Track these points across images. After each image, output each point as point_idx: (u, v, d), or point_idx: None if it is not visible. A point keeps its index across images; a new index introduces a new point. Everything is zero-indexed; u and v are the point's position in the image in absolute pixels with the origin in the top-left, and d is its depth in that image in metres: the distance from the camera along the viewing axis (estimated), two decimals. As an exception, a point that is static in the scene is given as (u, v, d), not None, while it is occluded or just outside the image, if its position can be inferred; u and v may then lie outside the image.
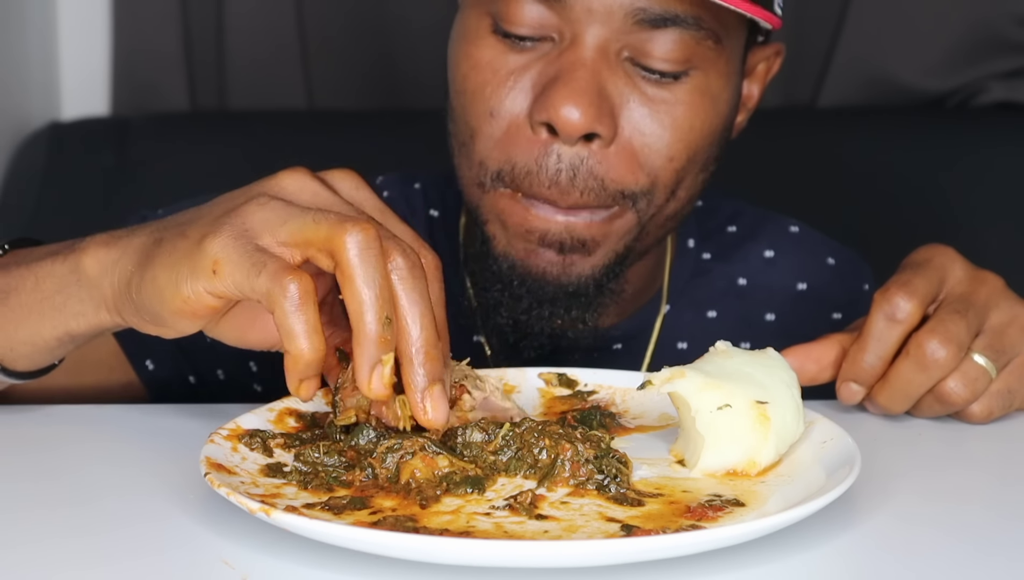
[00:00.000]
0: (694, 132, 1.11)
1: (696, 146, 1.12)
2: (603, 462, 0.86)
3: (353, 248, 0.82)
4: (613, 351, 1.27)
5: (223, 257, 0.84)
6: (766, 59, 1.23)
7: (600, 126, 1.07)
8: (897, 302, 1.01)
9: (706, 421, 0.88)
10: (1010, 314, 1.03)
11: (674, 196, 1.14)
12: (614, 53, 1.08)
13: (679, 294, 1.31)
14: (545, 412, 1.01)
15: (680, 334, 1.30)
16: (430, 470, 0.85)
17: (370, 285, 0.82)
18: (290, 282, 0.82)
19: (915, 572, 0.78)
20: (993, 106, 2.02)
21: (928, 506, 0.88)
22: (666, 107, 1.09)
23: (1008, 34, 2.00)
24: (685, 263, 1.32)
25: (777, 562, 0.79)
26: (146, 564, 0.78)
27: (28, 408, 1.07)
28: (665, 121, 1.10)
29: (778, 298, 1.33)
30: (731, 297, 1.32)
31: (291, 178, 0.90)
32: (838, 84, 2.03)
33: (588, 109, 1.05)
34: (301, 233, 0.84)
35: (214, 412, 1.02)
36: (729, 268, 1.33)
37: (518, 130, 1.09)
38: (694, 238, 1.33)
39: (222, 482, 0.81)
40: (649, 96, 1.09)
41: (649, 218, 1.14)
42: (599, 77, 1.07)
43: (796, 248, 1.36)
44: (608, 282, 1.15)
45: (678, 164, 1.11)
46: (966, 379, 1.01)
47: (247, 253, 0.84)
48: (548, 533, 0.79)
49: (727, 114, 1.15)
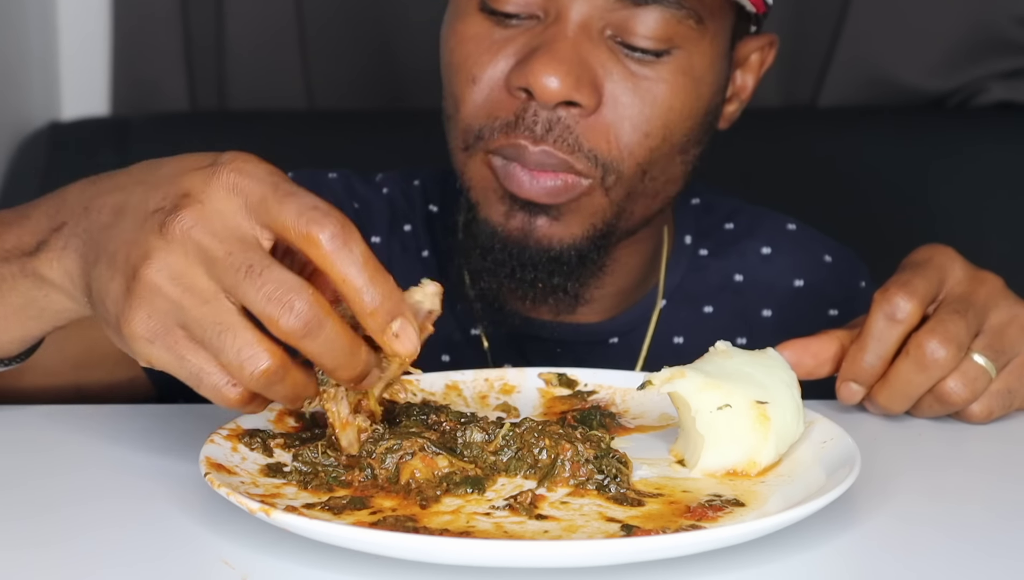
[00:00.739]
0: (673, 111, 1.13)
1: (674, 125, 1.13)
2: (603, 462, 0.86)
3: (290, 329, 0.77)
4: (609, 345, 1.28)
5: (152, 353, 0.80)
6: (759, 49, 1.24)
7: (579, 95, 1.09)
8: (897, 302, 1.01)
9: (706, 421, 0.88)
10: (1010, 314, 1.03)
11: (648, 175, 1.15)
12: (597, 31, 1.10)
13: (675, 289, 1.32)
14: (545, 412, 1.01)
15: (676, 329, 1.31)
16: (430, 470, 0.85)
17: (353, 266, 0.78)
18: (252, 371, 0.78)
19: (915, 572, 0.78)
20: (993, 106, 2.02)
21: (928, 506, 0.88)
22: (647, 83, 1.12)
23: (1008, 34, 2.00)
24: (681, 259, 1.33)
25: (777, 562, 0.79)
26: (146, 564, 0.78)
27: (28, 408, 1.07)
28: (646, 97, 1.12)
29: (775, 294, 1.34)
30: (727, 293, 1.33)
31: (224, 178, 0.80)
32: (838, 84, 2.03)
33: (567, 77, 1.08)
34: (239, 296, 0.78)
35: (214, 412, 1.02)
36: (726, 264, 1.34)
37: (500, 93, 1.12)
38: (691, 234, 1.34)
39: (222, 482, 0.81)
40: (631, 71, 1.11)
41: (624, 196, 1.15)
42: (581, 49, 1.10)
43: (793, 245, 1.37)
44: (592, 254, 1.17)
45: (653, 141, 1.13)
46: (966, 379, 1.01)
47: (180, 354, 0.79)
48: (548, 533, 0.79)
49: (710, 98, 1.17)
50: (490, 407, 1.02)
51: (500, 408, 1.02)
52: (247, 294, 0.77)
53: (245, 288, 0.77)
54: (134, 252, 0.80)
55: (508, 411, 1.01)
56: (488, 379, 1.05)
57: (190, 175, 0.81)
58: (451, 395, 1.03)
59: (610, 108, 1.11)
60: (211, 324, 0.78)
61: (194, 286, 0.79)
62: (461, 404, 1.02)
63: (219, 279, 0.78)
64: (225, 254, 0.78)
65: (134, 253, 0.80)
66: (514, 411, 1.01)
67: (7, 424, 1.03)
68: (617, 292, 1.27)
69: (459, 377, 1.05)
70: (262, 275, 0.77)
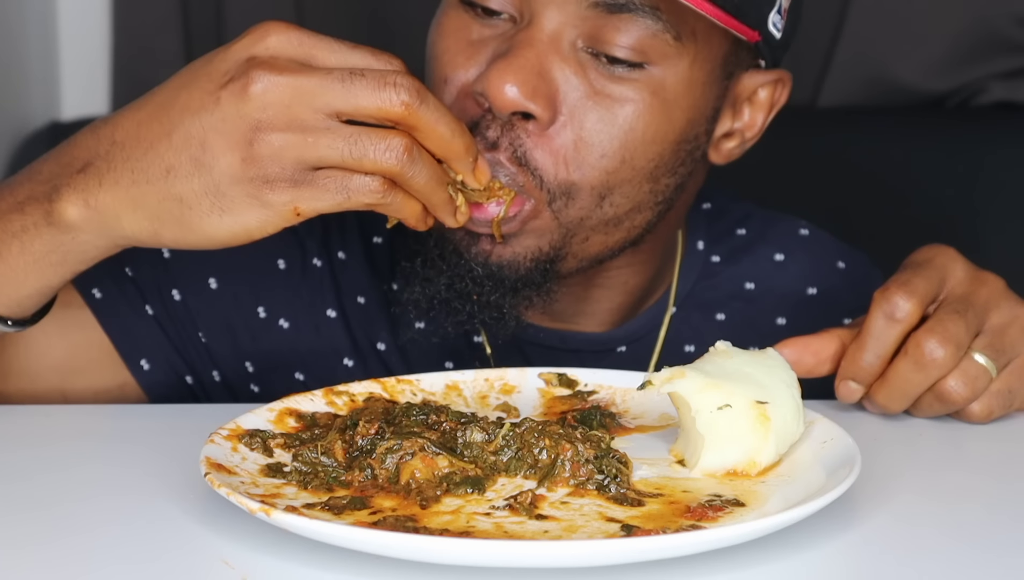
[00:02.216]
0: (634, 133, 1.07)
1: (635, 148, 1.08)
2: (603, 462, 0.86)
3: (404, 102, 0.92)
4: (618, 354, 1.25)
5: (302, 200, 0.92)
6: (768, 85, 1.18)
7: (533, 105, 1.05)
8: (897, 302, 1.01)
9: (706, 421, 0.88)
10: (1010, 315, 1.03)
11: (608, 201, 1.09)
12: (569, 42, 1.06)
13: (686, 297, 1.29)
14: (545, 412, 1.01)
15: (687, 337, 1.28)
16: (430, 470, 0.85)
17: (442, 119, 0.94)
18: (387, 153, 0.92)
19: (915, 572, 0.78)
20: (993, 106, 2.01)
21: (928, 506, 0.88)
22: (611, 102, 1.07)
23: (1008, 34, 2.00)
24: (693, 265, 1.30)
25: (777, 562, 0.79)
26: (146, 564, 0.78)
27: (28, 407, 1.07)
28: (606, 116, 1.07)
29: (788, 302, 1.31)
30: (739, 301, 1.30)
31: (273, 38, 0.94)
32: (838, 84, 2.03)
33: (522, 86, 1.04)
34: (346, 104, 0.91)
35: (214, 412, 1.02)
36: (738, 271, 1.31)
37: (464, 98, 1.09)
38: (703, 240, 1.31)
39: (222, 482, 0.81)
40: (596, 89, 1.06)
41: (577, 220, 1.09)
42: (545, 60, 1.05)
43: (806, 252, 1.34)
44: (536, 277, 1.11)
45: (610, 163, 1.07)
46: (967, 378, 1.01)
47: (319, 176, 0.92)
48: (548, 533, 0.79)
49: (684, 125, 1.10)
50: (490, 407, 1.02)
51: (500, 408, 1.02)
52: (358, 96, 0.91)
53: (354, 91, 0.91)
54: (234, 127, 0.91)
55: (508, 411, 1.01)
56: (488, 379, 1.05)
57: (236, 47, 0.94)
58: (451, 395, 1.03)
59: (566, 124, 1.07)
60: (343, 142, 0.91)
61: (307, 124, 0.91)
62: (461, 404, 1.02)
63: (326, 105, 0.91)
64: (318, 81, 0.91)
65: (234, 128, 0.91)
66: (514, 411, 1.01)
67: (7, 422, 1.03)
68: (616, 307, 1.24)
69: (459, 377, 1.05)
70: (355, 79, 0.91)
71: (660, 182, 1.12)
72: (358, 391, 1.01)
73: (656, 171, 1.10)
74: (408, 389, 1.02)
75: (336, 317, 1.22)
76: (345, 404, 0.99)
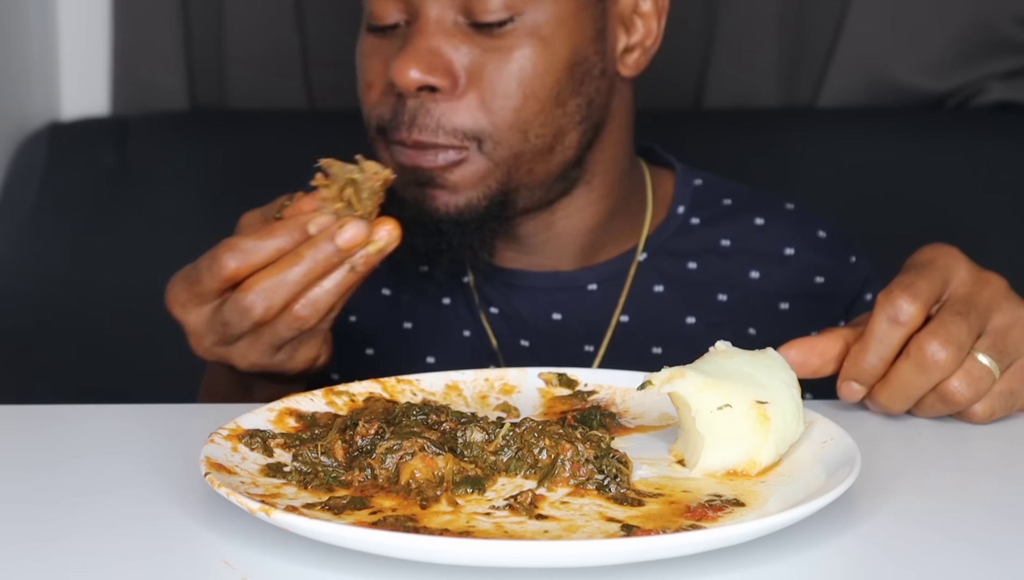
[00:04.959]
0: (526, 71, 1.24)
1: (532, 84, 1.24)
2: (603, 462, 0.86)
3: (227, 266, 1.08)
4: (588, 291, 1.35)
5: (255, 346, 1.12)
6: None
7: (433, 78, 1.22)
8: (900, 304, 1.01)
9: (706, 421, 0.88)
10: (1013, 316, 1.03)
11: (531, 133, 1.25)
12: (451, 22, 1.23)
13: (659, 246, 1.38)
14: (545, 412, 1.01)
15: (657, 279, 1.37)
16: (430, 470, 0.85)
17: (261, 240, 1.08)
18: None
19: (915, 572, 0.78)
20: (993, 106, 2.02)
21: (928, 506, 0.88)
22: (500, 54, 1.23)
23: (1008, 34, 2.00)
24: (669, 224, 1.39)
25: (777, 562, 0.79)
26: (146, 564, 0.78)
27: (28, 407, 1.07)
28: (499, 67, 1.23)
29: (763, 259, 1.39)
30: (713, 254, 1.38)
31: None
32: (838, 84, 2.03)
33: (419, 65, 1.22)
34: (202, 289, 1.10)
35: (214, 412, 1.02)
36: (716, 230, 1.40)
37: (383, 94, 1.27)
38: (685, 206, 1.40)
39: (222, 482, 0.81)
40: (484, 48, 1.24)
41: (511, 156, 1.25)
42: (434, 41, 1.23)
43: (788, 220, 1.42)
44: (494, 211, 1.27)
45: (514, 102, 1.24)
46: (970, 378, 1.01)
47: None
48: (548, 533, 0.79)
49: (569, 52, 1.25)
50: (490, 407, 1.02)
51: (500, 408, 1.02)
52: (202, 283, 1.10)
53: (200, 281, 1.10)
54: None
55: (508, 411, 1.01)
56: (488, 379, 1.05)
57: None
58: (451, 395, 1.03)
59: (468, 85, 1.23)
60: (229, 316, 1.09)
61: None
62: (461, 404, 1.02)
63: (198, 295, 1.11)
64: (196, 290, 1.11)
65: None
66: (514, 411, 1.01)
67: (7, 423, 1.03)
68: (583, 247, 1.35)
69: (459, 377, 1.05)
70: (195, 273, 1.10)
71: (569, 104, 1.27)
72: (358, 391, 1.01)
73: (560, 96, 1.26)
74: (408, 389, 1.02)
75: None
76: (345, 404, 0.99)
